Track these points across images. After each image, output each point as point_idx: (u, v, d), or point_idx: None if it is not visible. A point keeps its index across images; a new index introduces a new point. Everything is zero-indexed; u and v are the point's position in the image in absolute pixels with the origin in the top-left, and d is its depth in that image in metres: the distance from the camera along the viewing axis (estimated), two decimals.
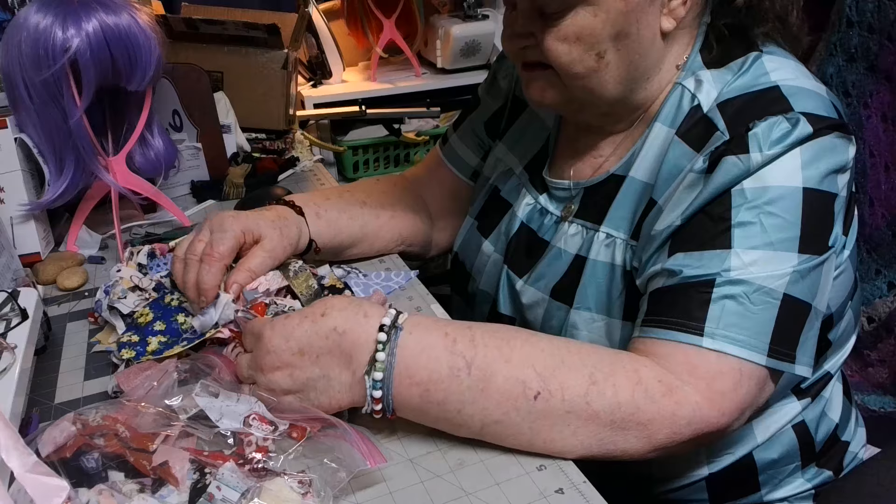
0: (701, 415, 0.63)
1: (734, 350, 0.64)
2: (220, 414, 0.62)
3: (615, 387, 0.62)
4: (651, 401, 0.62)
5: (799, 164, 0.66)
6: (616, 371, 0.63)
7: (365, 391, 0.62)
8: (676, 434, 0.63)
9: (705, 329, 0.65)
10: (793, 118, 0.67)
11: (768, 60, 0.73)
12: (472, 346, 0.62)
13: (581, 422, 0.62)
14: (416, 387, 0.61)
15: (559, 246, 0.83)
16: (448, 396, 0.61)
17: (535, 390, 0.61)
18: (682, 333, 0.66)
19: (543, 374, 0.62)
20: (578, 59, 0.73)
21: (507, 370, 0.61)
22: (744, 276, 0.65)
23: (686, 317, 0.66)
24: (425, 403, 0.62)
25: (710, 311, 0.65)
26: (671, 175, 0.73)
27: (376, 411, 0.63)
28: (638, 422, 0.62)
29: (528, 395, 0.61)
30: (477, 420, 0.62)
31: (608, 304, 0.78)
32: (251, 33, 1.34)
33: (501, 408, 0.61)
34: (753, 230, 0.66)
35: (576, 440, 0.62)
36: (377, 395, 0.61)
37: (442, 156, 1.08)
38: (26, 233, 0.99)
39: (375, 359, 0.61)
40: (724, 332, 0.64)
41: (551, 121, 0.93)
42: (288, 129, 1.42)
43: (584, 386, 0.62)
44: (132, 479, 0.57)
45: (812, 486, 0.83)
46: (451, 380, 0.61)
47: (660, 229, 0.72)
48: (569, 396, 0.61)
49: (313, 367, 0.62)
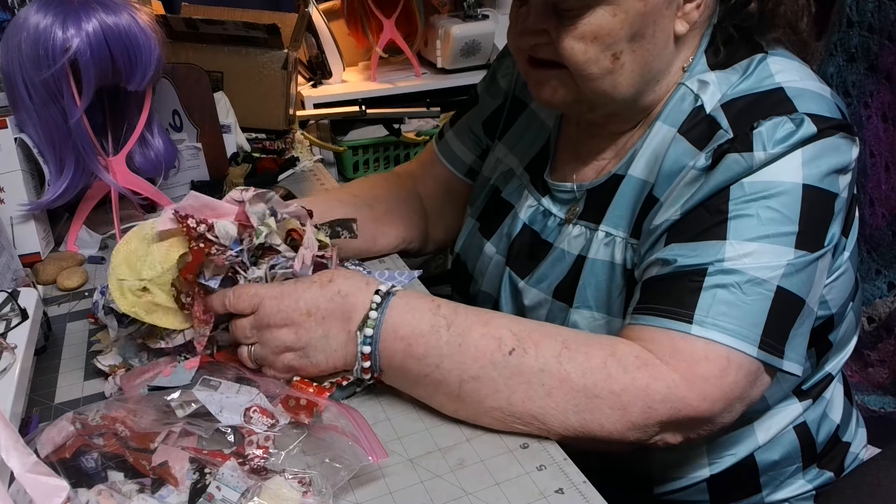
0: (677, 393, 0.63)
1: (723, 338, 0.64)
2: (221, 406, 0.62)
3: (587, 354, 0.64)
4: (623, 370, 0.63)
5: (800, 161, 0.66)
6: (591, 342, 0.66)
7: (356, 349, 0.67)
8: (651, 409, 0.62)
9: (695, 317, 0.65)
10: (797, 119, 0.67)
11: (773, 62, 0.73)
12: (454, 312, 0.67)
13: (555, 382, 0.63)
14: (400, 341, 0.65)
15: (562, 247, 0.83)
16: (428, 350, 0.65)
17: (510, 346, 0.64)
18: (671, 320, 0.66)
19: (519, 334, 0.65)
20: (594, 60, 0.72)
21: (484, 329, 0.66)
22: (737, 266, 0.65)
23: (676, 304, 0.66)
24: (407, 358, 0.65)
25: (700, 298, 0.65)
26: (672, 172, 0.73)
27: (365, 369, 0.67)
28: (610, 390, 0.62)
29: (504, 349, 0.64)
30: (455, 375, 0.64)
31: (608, 303, 0.78)
32: (251, 33, 1.34)
33: (478, 362, 0.64)
34: (750, 222, 0.66)
35: (551, 402, 0.63)
36: (366, 350, 0.66)
37: (437, 151, 1.07)
38: (26, 233, 0.99)
39: (368, 317, 0.66)
40: (713, 321, 0.64)
41: (552, 121, 0.92)
42: (288, 129, 1.42)
43: (557, 348, 0.64)
44: (132, 480, 0.57)
45: (813, 487, 0.83)
46: (431, 335, 0.65)
47: (658, 223, 0.72)
48: (542, 354, 0.64)
49: (317, 328, 0.67)
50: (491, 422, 0.65)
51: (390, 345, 0.66)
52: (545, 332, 0.66)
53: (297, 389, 0.67)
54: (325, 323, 0.67)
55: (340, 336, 0.67)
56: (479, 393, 0.64)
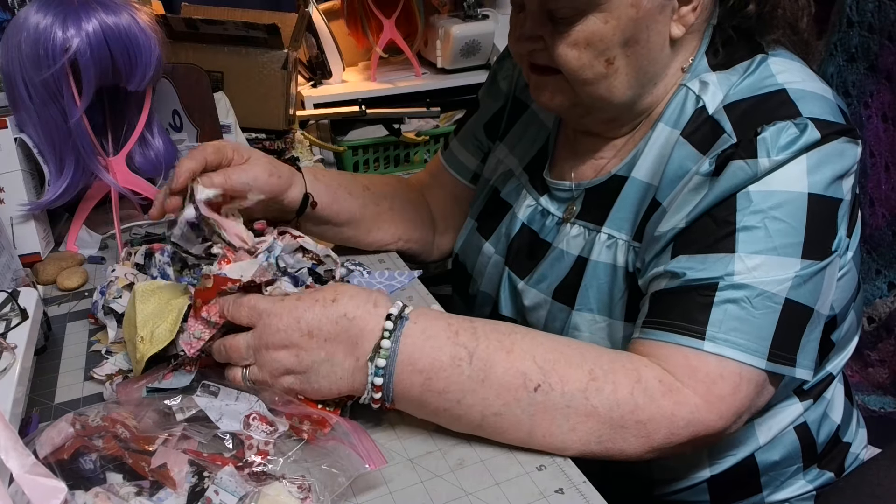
0: (699, 417, 0.63)
1: (735, 354, 0.64)
2: (220, 413, 0.62)
3: (615, 384, 0.62)
4: (650, 399, 0.62)
5: (805, 169, 0.66)
6: (616, 369, 0.64)
7: (366, 378, 0.62)
8: (674, 435, 0.63)
9: (707, 333, 0.65)
10: (801, 124, 0.67)
11: (774, 62, 0.73)
12: (474, 338, 0.63)
13: (580, 417, 0.62)
14: (418, 375, 0.61)
15: (561, 247, 0.83)
16: (449, 385, 0.61)
17: (536, 382, 0.61)
18: (684, 336, 0.65)
19: (544, 367, 0.62)
20: (588, 65, 0.73)
21: (508, 361, 0.62)
22: (747, 280, 0.65)
23: (688, 320, 0.66)
24: (426, 392, 0.62)
25: (712, 314, 0.65)
26: (676, 177, 0.73)
27: (375, 400, 0.63)
28: (637, 420, 0.62)
29: (529, 386, 0.61)
30: (477, 411, 0.62)
31: (610, 306, 0.78)
32: (251, 33, 1.34)
33: (502, 398, 0.61)
34: (758, 234, 0.66)
35: (574, 436, 0.62)
36: (378, 382, 0.62)
37: (443, 160, 1.08)
38: (26, 233, 0.99)
39: (380, 346, 0.62)
40: (725, 336, 0.64)
41: (551, 121, 0.93)
42: (288, 129, 1.42)
43: (583, 381, 0.62)
44: (130, 482, 0.57)
45: (813, 487, 0.83)
46: (453, 369, 0.61)
47: (663, 231, 0.72)
48: (569, 390, 0.61)
49: (319, 351, 0.62)
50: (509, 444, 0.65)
51: (407, 378, 0.62)
52: (571, 361, 0.63)
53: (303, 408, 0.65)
54: (329, 346, 0.62)
55: (347, 363, 0.62)
56: (500, 427, 0.63)
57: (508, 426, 0.62)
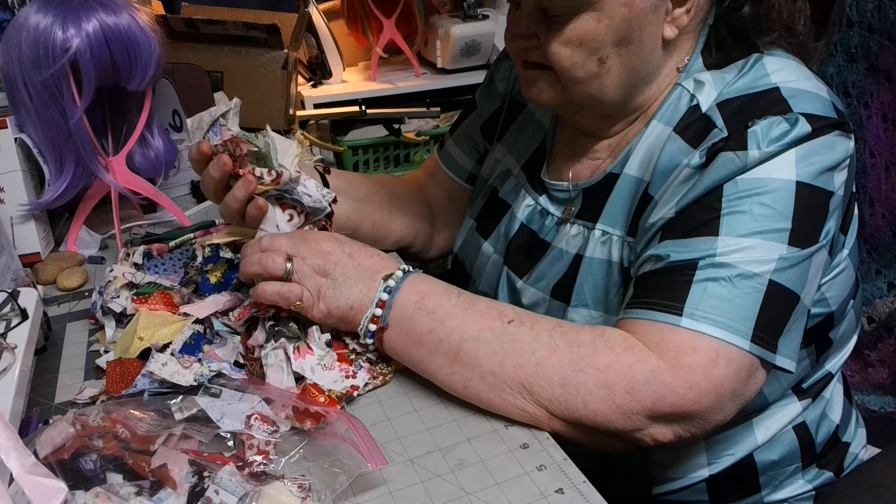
0: (661, 378, 0.63)
1: (713, 331, 0.64)
2: (222, 413, 0.62)
3: (578, 332, 0.67)
4: (610, 348, 0.65)
5: (794, 159, 0.67)
6: (583, 328, 0.69)
7: (371, 300, 0.71)
8: (634, 391, 0.63)
9: (685, 309, 0.65)
10: (791, 118, 0.67)
11: (769, 62, 0.73)
12: (466, 292, 0.73)
13: (545, 352, 0.66)
14: (416, 293, 0.71)
15: (560, 247, 0.84)
16: (437, 307, 0.70)
17: (510, 317, 0.69)
18: (661, 313, 0.66)
19: (520, 312, 0.70)
20: (580, 64, 0.73)
21: (490, 303, 0.71)
22: (728, 260, 0.65)
23: (667, 297, 0.67)
24: (417, 310, 0.70)
25: (691, 291, 0.66)
26: (667, 170, 0.73)
27: (375, 318, 0.71)
28: (595, 366, 0.64)
29: (504, 319, 0.69)
30: (456, 334, 0.68)
31: (605, 301, 0.79)
32: (251, 33, 1.34)
33: (479, 325, 0.68)
34: (743, 218, 0.66)
35: (540, 371, 0.65)
36: (384, 297, 0.71)
37: (439, 160, 1.09)
38: (26, 233, 0.99)
39: (393, 274, 0.72)
40: (703, 314, 0.65)
41: (548, 121, 0.93)
42: (288, 129, 1.42)
43: (551, 325, 0.68)
44: (130, 482, 0.57)
45: (813, 487, 0.83)
46: (443, 296, 0.71)
47: (653, 221, 0.72)
48: (537, 329, 0.68)
49: (347, 262, 0.73)
50: (481, 388, 0.67)
51: (406, 295, 0.70)
52: (543, 316, 0.71)
53: (306, 399, 0.67)
54: (359, 268, 0.72)
55: (360, 286, 0.72)
56: (476, 354, 0.67)
57: (483, 353, 0.67)
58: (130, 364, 0.72)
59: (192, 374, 0.68)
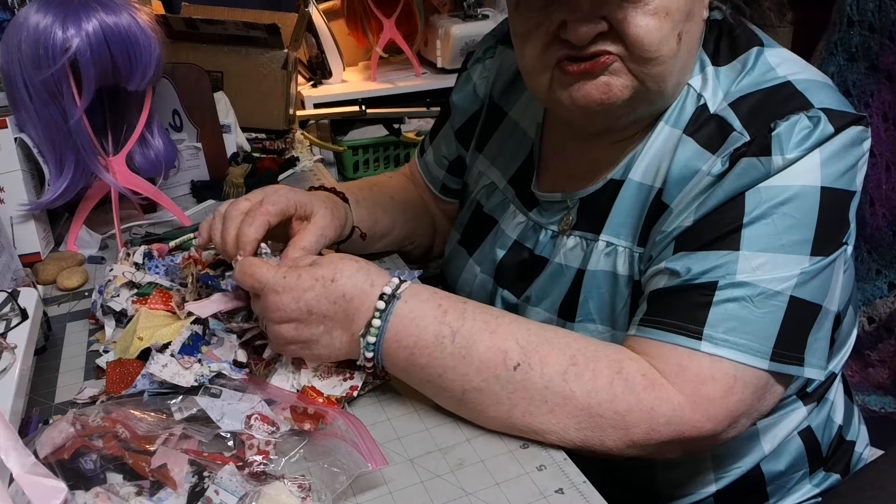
0: (682, 416, 0.62)
1: (733, 355, 0.62)
2: (222, 413, 0.62)
3: (594, 371, 0.62)
4: (629, 391, 0.62)
5: (818, 162, 0.64)
6: (599, 357, 0.64)
7: (359, 350, 0.67)
8: (654, 431, 0.62)
9: (704, 332, 0.63)
10: (814, 117, 0.64)
11: (770, 55, 0.70)
12: (461, 318, 0.65)
13: (558, 399, 0.62)
14: (403, 350, 0.65)
15: (558, 261, 0.80)
16: (431, 361, 0.64)
17: (516, 361, 0.63)
18: (680, 336, 0.64)
19: (526, 348, 0.63)
20: (665, 39, 0.66)
21: (491, 341, 0.64)
22: (749, 278, 0.63)
23: (685, 319, 0.64)
24: (410, 366, 0.65)
25: (710, 314, 0.63)
26: (683, 177, 0.70)
27: (369, 369, 0.68)
28: (614, 411, 0.61)
29: (508, 364, 0.63)
30: (458, 385, 0.64)
31: (612, 316, 0.76)
32: (251, 33, 1.34)
33: (481, 374, 0.63)
34: (764, 231, 0.64)
35: (553, 419, 0.62)
36: (369, 355, 0.66)
37: (418, 166, 1.07)
38: (26, 233, 0.99)
39: (371, 325, 0.65)
40: (724, 337, 0.63)
41: (533, 131, 0.88)
42: (288, 129, 1.42)
43: (564, 364, 0.63)
44: (130, 482, 0.57)
45: (820, 490, 0.82)
46: (436, 346, 0.64)
47: (668, 230, 0.69)
48: (548, 371, 0.62)
49: (318, 326, 0.66)
50: (491, 426, 0.65)
51: (393, 353, 0.65)
52: (554, 345, 0.64)
53: (306, 399, 0.67)
54: (327, 322, 0.66)
55: (343, 337, 0.67)
56: (481, 403, 0.64)
57: (489, 403, 0.63)
58: (130, 364, 0.72)
59: (193, 375, 0.68)
